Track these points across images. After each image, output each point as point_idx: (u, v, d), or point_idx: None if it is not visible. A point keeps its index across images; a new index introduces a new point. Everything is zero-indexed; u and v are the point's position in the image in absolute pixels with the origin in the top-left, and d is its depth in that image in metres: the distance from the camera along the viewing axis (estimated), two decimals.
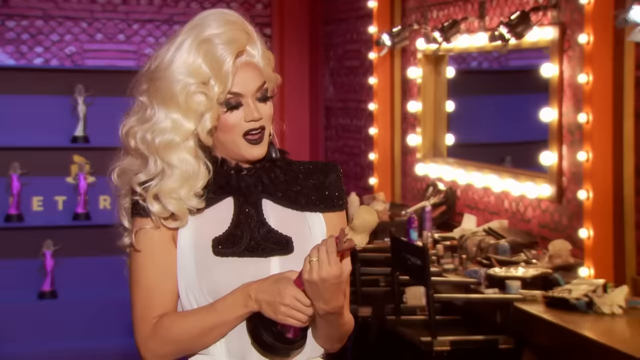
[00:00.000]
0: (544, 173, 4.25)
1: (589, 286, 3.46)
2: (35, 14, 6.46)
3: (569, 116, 4.05)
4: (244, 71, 1.85)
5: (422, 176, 5.51)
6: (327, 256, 1.72)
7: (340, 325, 1.85)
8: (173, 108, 1.81)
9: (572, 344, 3.17)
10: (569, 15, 4.04)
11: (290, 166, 1.95)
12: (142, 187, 1.82)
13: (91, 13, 6.59)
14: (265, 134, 1.86)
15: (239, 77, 1.84)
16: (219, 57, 1.81)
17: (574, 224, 3.99)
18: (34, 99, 6.05)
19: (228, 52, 1.81)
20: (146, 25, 6.70)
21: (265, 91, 1.86)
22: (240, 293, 1.78)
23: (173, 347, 1.82)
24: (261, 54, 1.90)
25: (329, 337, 1.88)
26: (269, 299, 1.75)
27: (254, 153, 1.86)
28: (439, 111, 5.44)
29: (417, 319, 3.93)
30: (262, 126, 1.85)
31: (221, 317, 1.79)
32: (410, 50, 5.62)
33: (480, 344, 3.65)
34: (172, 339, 1.80)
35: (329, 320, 1.81)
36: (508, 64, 6.06)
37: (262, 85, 1.86)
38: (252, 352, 1.82)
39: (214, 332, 1.80)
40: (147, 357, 1.82)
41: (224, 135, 1.85)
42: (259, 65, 1.89)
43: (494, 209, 4.74)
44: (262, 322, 1.78)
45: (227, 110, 1.84)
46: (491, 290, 3.68)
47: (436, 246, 4.41)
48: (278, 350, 1.80)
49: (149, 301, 1.82)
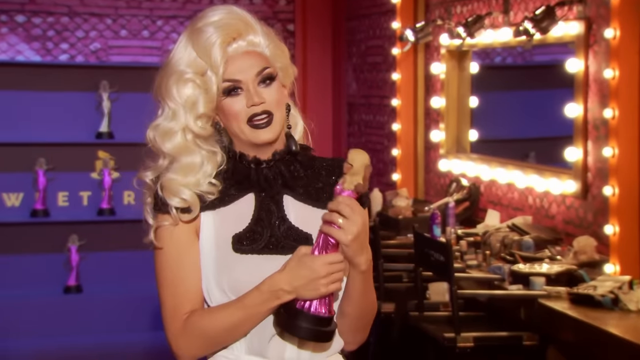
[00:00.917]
0: (569, 169, 4.22)
1: (614, 283, 3.43)
2: (60, 10, 6.50)
3: (594, 111, 4.02)
4: (241, 58, 1.84)
5: (445, 172, 5.49)
6: (351, 211, 1.72)
7: (371, 290, 1.85)
8: (171, 100, 1.84)
9: (597, 341, 3.14)
10: (595, 10, 4.00)
11: (313, 162, 1.93)
12: (156, 181, 1.84)
13: (116, 10, 6.63)
14: (273, 119, 1.84)
15: (236, 64, 1.83)
16: (206, 43, 1.81)
17: (599, 220, 3.96)
18: (59, 95, 6.09)
19: (216, 38, 1.81)
20: (170, 22, 6.72)
21: (266, 75, 1.84)
22: (267, 287, 1.76)
23: (203, 342, 1.82)
24: (268, 43, 1.88)
25: (360, 314, 1.85)
26: (304, 282, 1.73)
27: (261, 136, 1.84)
28: (462, 107, 5.42)
29: (440, 315, 3.92)
30: (265, 110, 1.83)
31: (250, 311, 1.78)
32: (433, 46, 5.60)
33: (504, 340, 3.63)
34: (203, 334, 1.80)
35: (366, 279, 1.81)
36: (532, 60, 6.02)
37: (262, 70, 1.84)
38: (270, 349, 1.82)
39: (243, 327, 1.80)
40: (178, 353, 1.83)
41: (231, 125, 1.85)
42: (263, 53, 1.87)
43: (517, 205, 4.71)
44: (291, 314, 1.76)
45: (226, 97, 1.83)
46: (515, 287, 3.66)
47: (459, 242, 4.39)
48: (323, 333, 1.77)
49: (176, 298, 1.82)
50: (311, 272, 1.73)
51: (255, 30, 1.87)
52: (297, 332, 1.75)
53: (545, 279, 3.60)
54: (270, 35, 1.90)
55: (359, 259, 1.77)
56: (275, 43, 1.90)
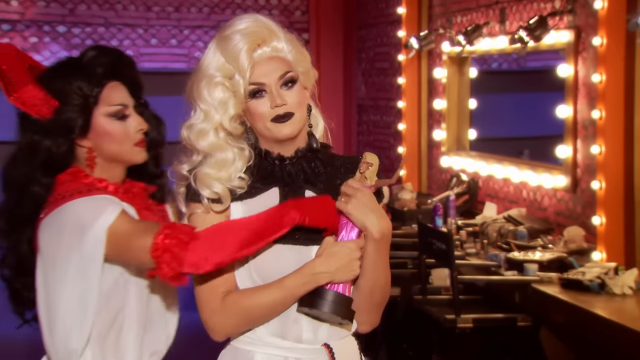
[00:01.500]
0: (560, 165, 4.21)
1: (601, 269, 3.42)
2: (97, 21, 6.53)
3: (583, 112, 4.01)
4: (266, 63, 1.83)
5: (446, 168, 5.48)
6: (352, 189, 1.79)
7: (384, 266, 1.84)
8: (202, 102, 1.84)
9: (586, 322, 3.13)
10: (584, 20, 3.98)
11: (333, 160, 1.92)
12: (190, 173, 1.84)
13: (147, 20, 6.64)
14: (294, 118, 1.84)
15: (261, 69, 1.82)
16: (234, 49, 1.81)
17: (588, 212, 3.94)
18: None
19: (242, 45, 1.81)
20: (196, 31, 6.73)
21: (288, 79, 1.83)
22: (308, 270, 1.77)
23: (240, 320, 1.80)
24: (291, 49, 1.87)
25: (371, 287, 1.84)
26: (340, 265, 1.76)
27: (283, 131, 1.83)
28: (462, 108, 5.40)
29: (442, 299, 3.92)
30: (287, 112, 1.82)
31: (290, 292, 1.78)
32: (436, 53, 5.58)
33: (500, 321, 3.62)
34: (241, 312, 1.79)
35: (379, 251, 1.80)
36: (526, 65, 6.00)
37: (285, 74, 1.83)
38: (290, 331, 1.82)
39: (280, 307, 1.80)
40: (215, 329, 1.81)
41: (257, 124, 1.85)
42: (286, 58, 1.86)
43: (513, 198, 4.70)
44: (317, 293, 1.77)
45: (252, 99, 1.83)
46: (510, 273, 3.65)
47: (459, 232, 4.39)
48: (346, 310, 1.78)
49: (212, 280, 1.81)
50: (345, 256, 1.77)
51: (278, 37, 1.86)
52: (324, 306, 1.76)
53: (538, 266, 3.59)
54: (292, 41, 1.88)
55: (370, 224, 1.77)
56: (297, 48, 1.88)
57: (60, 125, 1.89)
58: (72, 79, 1.90)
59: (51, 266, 1.86)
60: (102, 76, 1.93)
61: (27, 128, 1.91)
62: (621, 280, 3.31)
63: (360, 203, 1.78)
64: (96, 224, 1.82)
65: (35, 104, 1.88)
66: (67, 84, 1.90)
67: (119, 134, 1.94)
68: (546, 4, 4.30)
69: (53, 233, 1.86)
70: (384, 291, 1.88)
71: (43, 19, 6.40)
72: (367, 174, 1.80)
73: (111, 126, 1.94)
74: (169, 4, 6.68)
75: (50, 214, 1.87)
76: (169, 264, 1.75)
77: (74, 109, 1.90)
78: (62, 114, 1.89)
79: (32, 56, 2.12)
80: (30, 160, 1.89)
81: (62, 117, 1.89)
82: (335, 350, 1.84)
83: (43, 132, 1.89)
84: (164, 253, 1.76)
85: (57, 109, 1.89)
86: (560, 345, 3.43)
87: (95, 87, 1.92)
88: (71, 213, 1.84)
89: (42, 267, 1.88)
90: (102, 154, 1.95)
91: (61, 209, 1.85)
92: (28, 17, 6.38)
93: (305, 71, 1.89)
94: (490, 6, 4.89)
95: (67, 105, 1.89)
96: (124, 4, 6.58)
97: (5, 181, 1.93)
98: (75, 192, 1.87)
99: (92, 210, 1.84)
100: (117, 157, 1.96)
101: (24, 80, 1.88)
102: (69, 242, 1.83)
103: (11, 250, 1.93)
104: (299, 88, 1.85)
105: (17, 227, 1.91)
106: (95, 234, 1.82)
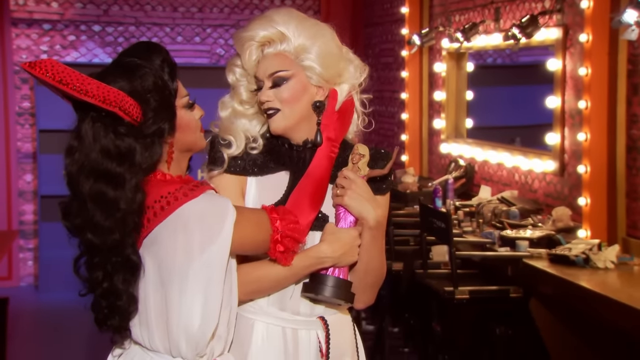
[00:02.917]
0: (549, 151, 4.19)
1: (586, 245, 3.41)
2: (128, 21, 6.53)
3: (570, 103, 3.98)
4: (265, 59, 1.80)
5: (445, 154, 5.47)
6: (347, 180, 1.76)
7: (377, 251, 1.81)
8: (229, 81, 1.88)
9: (572, 293, 3.13)
10: (572, 18, 3.95)
11: (345, 151, 1.86)
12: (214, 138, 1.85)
13: (173, 20, 6.63)
14: (280, 114, 1.79)
15: (261, 65, 1.81)
16: (242, 49, 1.82)
17: (574, 194, 3.93)
18: None
19: (247, 46, 1.80)
20: (217, 29, 6.72)
21: (278, 79, 1.78)
22: (314, 254, 1.75)
23: (251, 289, 1.78)
24: (303, 47, 1.79)
25: (365, 269, 1.80)
26: (344, 251, 1.75)
27: (271, 125, 1.81)
28: (460, 100, 5.38)
29: (441, 273, 3.92)
30: (270, 107, 1.79)
31: (295, 272, 1.76)
32: (436, 49, 5.55)
33: (494, 293, 3.62)
34: (254, 281, 1.76)
35: (374, 237, 1.78)
36: (519, 60, 5.96)
37: (275, 72, 1.79)
38: (288, 304, 1.81)
39: (285, 283, 1.78)
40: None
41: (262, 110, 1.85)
42: (290, 55, 1.79)
43: (506, 181, 4.69)
44: (320, 280, 1.75)
45: (255, 91, 1.83)
46: (503, 249, 3.65)
47: (457, 212, 4.38)
48: (346, 293, 1.77)
49: None
50: (348, 243, 1.75)
51: (290, 37, 1.79)
52: (328, 292, 1.75)
53: (528, 243, 3.59)
54: (316, 39, 1.79)
55: (367, 214, 1.75)
56: (317, 49, 1.79)
57: (152, 127, 1.64)
58: (149, 77, 1.66)
59: (176, 267, 1.64)
60: (173, 70, 1.73)
61: (115, 130, 1.62)
62: (604, 255, 3.31)
63: (356, 194, 1.75)
64: (225, 225, 1.64)
65: (118, 104, 1.59)
66: (145, 83, 1.65)
67: (194, 124, 1.76)
68: (537, 4, 4.27)
69: (178, 237, 1.63)
70: (377, 273, 1.84)
71: (80, 19, 6.40)
72: (360, 164, 1.77)
73: (188, 116, 1.75)
74: (193, 4, 6.67)
75: (168, 219, 1.63)
76: (293, 246, 1.71)
77: (161, 108, 1.66)
78: (151, 115, 1.64)
79: (70, 52, 2.05)
80: (122, 163, 1.62)
81: (153, 118, 1.64)
82: (329, 322, 1.82)
83: (134, 135, 1.63)
84: (284, 238, 1.71)
85: (144, 109, 1.63)
86: (548, 314, 3.43)
87: (174, 82, 1.72)
88: (195, 215, 1.63)
89: (164, 268, 1.65)
90: (178, 146, 1.74)
91: (181, 211, 1.62)
92: (67, 17, 6.38)
93: (323, 72, 1.80)
94: (486, 6, 4.86)
95: (152, 105, 1.65)
96: (152, 5, 6.57)
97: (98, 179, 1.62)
98: (181, 193, 1.63)
99: (216, 209, 1.65)
100: (191, 147, 1.77)
101: (90, 81, 1.59)
102: (201, 240, 1.63)
103: (113, 251, 1.64)
104: (291, 85, 1.79)
105: (121, 232, 1.62)
106: (224, 234, 1.64)
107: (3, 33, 6.20)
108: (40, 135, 6.13)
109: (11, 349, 4.56)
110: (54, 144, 6.20)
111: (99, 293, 1.67)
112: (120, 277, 1.64)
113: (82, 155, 1.62)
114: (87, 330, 5.16)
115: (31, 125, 6.33)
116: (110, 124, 1.62)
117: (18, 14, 6.29)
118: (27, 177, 6.35)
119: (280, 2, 6.77)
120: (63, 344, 4.99)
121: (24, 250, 6.37)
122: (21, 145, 6.34)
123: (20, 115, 6.33)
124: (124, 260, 1.64)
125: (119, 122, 1.62)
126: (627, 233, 3.60)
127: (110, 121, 1.62)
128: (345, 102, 1.84)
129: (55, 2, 6.35)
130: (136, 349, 1.73)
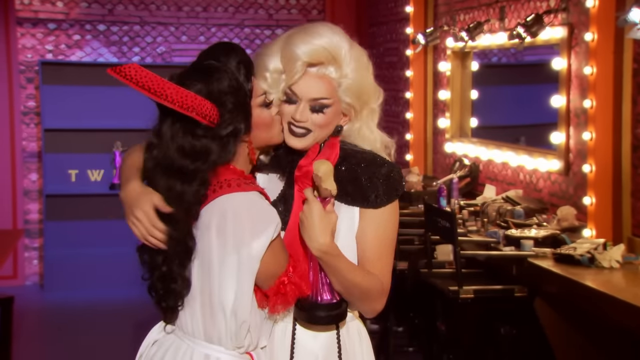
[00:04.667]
0: (554, 150, 4.18)
1: (591, 245, 3.41)
2: (133, 20, 6.53)
3: (575, 102, 3.98)
4: (309, 79, 1.78)
5: (450, 153, 5.46)
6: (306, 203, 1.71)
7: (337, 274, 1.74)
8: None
9: (576, 293, 3.13)
10: (577, 17, 3.94)
11: (346, 160, 1.84)
12: None
13: (178, 19, 6.64)
14: (309, 136, 1.80)
15: (303, 82, 1.78)
16: (292, 55, 1.78)
17: (579, 193, 3.92)
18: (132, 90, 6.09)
19: (302, 60, 1.77)
20: (222, 29, 6.72)
21: (319, 105, 1.78)
22: None
23: None
24: (348, 79, 1.79)
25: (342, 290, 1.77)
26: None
27: (291, 142, 1.81)
28: (464, 99, 5.37)
29: (446, 272, 3.92)
30: (303, 127, 1.80)
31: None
32: (440, 48, 5.55)
33: (498, 292, 3.62)
34: None
35: (325, 264, 1.74)
36: (523, 59, 5.94)
37: (319, 99, 1.78)
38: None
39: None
40: None
41: (283, 120, 1.83)
42: (333, 84, 1.79)
43: (511, 180, 4.68)
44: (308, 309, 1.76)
45: (284, 102, 1.81)
46: (508, 248, 3.64)
47: (462, 211, 4.38)
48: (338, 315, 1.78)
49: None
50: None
51: (339, 64, 1.79)
52: (319, 321, 1.77)
53: (533, 242, 3.58)
54: (358, 71, 1.80)
55: (308, 242, 1.71)
56: (358, 82, 1.80)
57: (229, 127, 1.70)
58: (225, 80, 1.72)
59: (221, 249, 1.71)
60: (249, 71, 1.77)
61: (192, 132, 1.70)
62: (609, 254, 3.30)
63: (305, 218, 1.70)
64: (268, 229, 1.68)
65: (195, 108, 1.67)
66: (221, 86, 1.71)
67: (269, 121, 1.79)
68: (542, 3, 4.26)
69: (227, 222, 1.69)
70: (351, 292, 1.78)
71: (85, 18, 6.41)
72: (323, 185, 1.67)
73: (264, 114, 1.78)
74: (198, 4, 6.67)
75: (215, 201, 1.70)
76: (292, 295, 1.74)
77: (237, 109, 1.71)
78: (228, 116, 1.70)
79: (75, 52, 2.07)
80: (196, 161, 1.69)
81: (229, 119, 1.70)
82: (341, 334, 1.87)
83: (211, 136, 1.69)
84: (289, 284, 1.74)
85: (220, 111, 1.70)
86: (553, 313, 3.43)
87: (249, 82, 1.77)
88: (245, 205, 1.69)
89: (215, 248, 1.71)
90: (256, 142, 1.79)
91: (231, 197, 1.69)
92: (72, 17, 6.39)
93: (354, 103, 1.81)
94: (490, 5, 4.85)
95: (228, 106, 1.71)
96: (157, 4, 6.58)
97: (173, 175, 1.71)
98: (234, 182, 1.70)
99: (265, 211, 1.70)
100: (268, 142, 1.82)
101: (170, 86, 1.70)
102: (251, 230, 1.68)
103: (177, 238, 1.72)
104: (329, 113, 1.79)
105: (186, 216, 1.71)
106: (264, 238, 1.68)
107: (8, 32, 6.22)
108: (46, 134, 6.14)
109: (16, 348, 4.56)
110: (59, 143, 6.21)
111: (157, 276, 1.76)
112: (177, 260, 1.72)
113: (160, 152, 1.73)
114: (91, 329, 5.17)
115: (36, 124, 6.34)
116: (188, 125, 1.69)
117: (23, 14, 6.30)
118: (32, 177, 6.36)
119: (285, 1, 6.77)
120: (68, 343, 4.99)
121: (29, 250, 6.39)
122: (26, 144, 6.35)
123: (25, 115, 6.34)
124: (183, 246, 1.72)
125: (197, 124, 1.69)
126: (633, 232, 3.59)
127: (188, 123, 1.69)
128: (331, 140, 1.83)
129: (60, 2, 6.36)
130: (171, 338, 1.80)
